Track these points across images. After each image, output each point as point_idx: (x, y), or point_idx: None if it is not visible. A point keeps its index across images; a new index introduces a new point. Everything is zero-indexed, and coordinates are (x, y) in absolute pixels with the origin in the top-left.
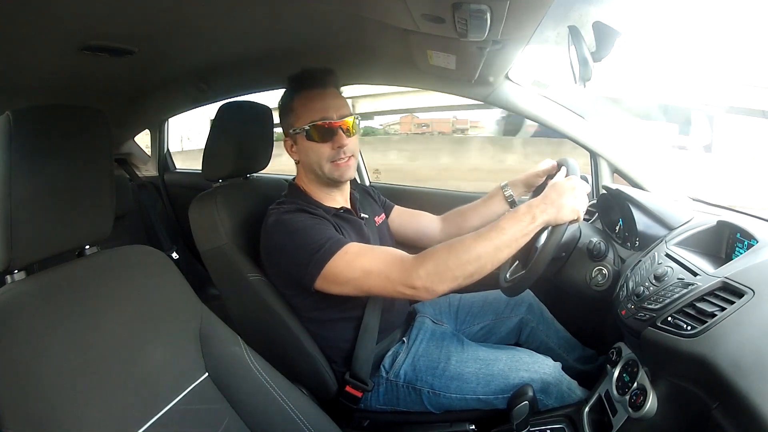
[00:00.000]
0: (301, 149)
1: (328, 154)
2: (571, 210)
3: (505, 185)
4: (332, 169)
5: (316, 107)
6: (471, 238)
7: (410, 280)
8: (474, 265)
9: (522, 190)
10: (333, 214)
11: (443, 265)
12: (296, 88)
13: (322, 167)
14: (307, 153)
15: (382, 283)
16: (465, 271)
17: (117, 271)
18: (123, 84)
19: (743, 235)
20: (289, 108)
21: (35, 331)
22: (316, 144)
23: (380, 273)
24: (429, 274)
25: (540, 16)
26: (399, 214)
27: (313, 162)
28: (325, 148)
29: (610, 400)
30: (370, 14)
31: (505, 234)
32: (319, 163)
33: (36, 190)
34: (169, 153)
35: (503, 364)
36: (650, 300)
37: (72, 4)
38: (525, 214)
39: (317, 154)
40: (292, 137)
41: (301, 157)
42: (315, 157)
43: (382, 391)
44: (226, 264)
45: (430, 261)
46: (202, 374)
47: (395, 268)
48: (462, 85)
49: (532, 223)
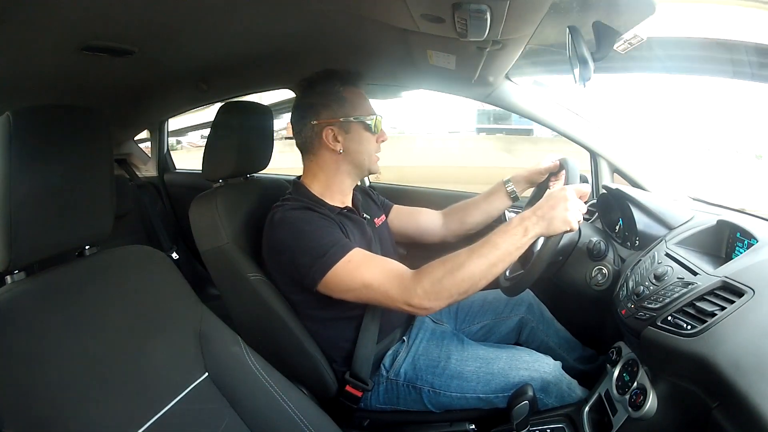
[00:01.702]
0: (354, 138)
1: (375, 148)
2: (562, 222)
3: (508, 181)
4: (374, 162)
5: (367, 103)
6: (465, 254)
7: (408, 298)
8: (468, 282)
9: (524, 186)
10: (337, 212)
11: (438, 284)
12: (343, 81)
13: (371, 158)
14: (361, 143)
15: (381, 298)
16: (460, 288)
17: (117, 271)
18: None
19: (743, 235)
20: (340, 97)
21: (35, 331)
22: (371, 136)
23: (380, 287)
24: (426, 293)
25: (540, 16)
26: (398, 212)
27: (363, 152)
28: (374, 141)
29: (610, 400)
30: (370, 14)
31: (498, 249)
32: (369, 154)
33: (36, 190)
34: (169, 153)
35: (503, 363)
36: (650, 299)
37: (72, 5)
38: (517, 227)
39: (369, 146)
40: (345, 126)
41: (349, 146)
42: (368, 148)
43: (382, 391)
44: (226, 264)
45: (427, 280)
46: (201, 374)
47: (395, 285)
48: (462, 85)
49: (524, 237)
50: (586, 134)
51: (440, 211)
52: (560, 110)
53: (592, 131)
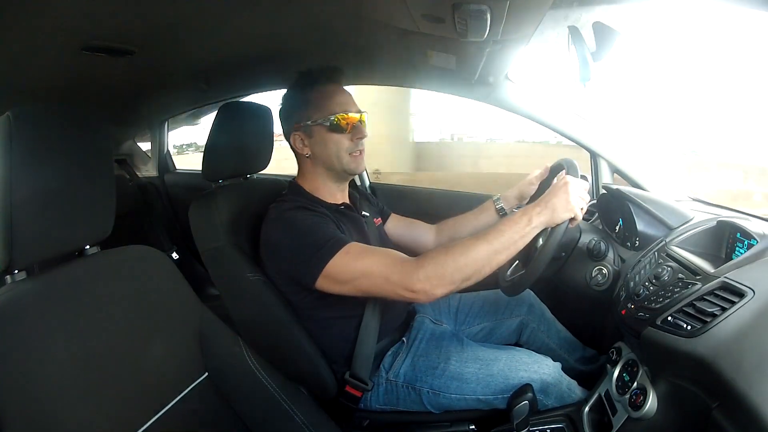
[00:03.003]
0: (319, 141)
1: (348, 146)
2: (566, 209)
3: (498, 198)
4: (349, 161)
5: (337, 100)
6: (469, 241)
7: (410, 283)
8: (471, 267)
9: (514, 202)
10: (334, 210)
11: (441, 268)
12: (311, 82)
13: (341, 158)
14: (327, 144)
15: (382, 284)
16: (463, 273)
17: (117, 271)
18: (123, 84)
19: (743, 235)
20: (304, 101)
21: (35, 331)
22: (337, 135)
23: (380, 274)
24: (428, 277)
25: (540, 16)
26: (395, 222)
27: (332, 153)
28: (346, 140)
29: (610, 400)
30: (370, 14)
31: (503, 236)
32: (338, 154)
33: (36, 190)
34: (169, 153)
35: (503, 364)
36: (650, 300)
37: (72, 5)
38: (522, 216)
39: (338, 146)
40: (307, 130)
41: (316, 149)
42: (335, 149)
43: (381, 391)
44: (226, 264)
45: (429, 264)
46: (201, 374)
47: (395, 270)
48: (462, 85)
49: (528, 225)
50: (586, 134)
51: (433, 226)
52: (560, 111)
53: (592, 131)
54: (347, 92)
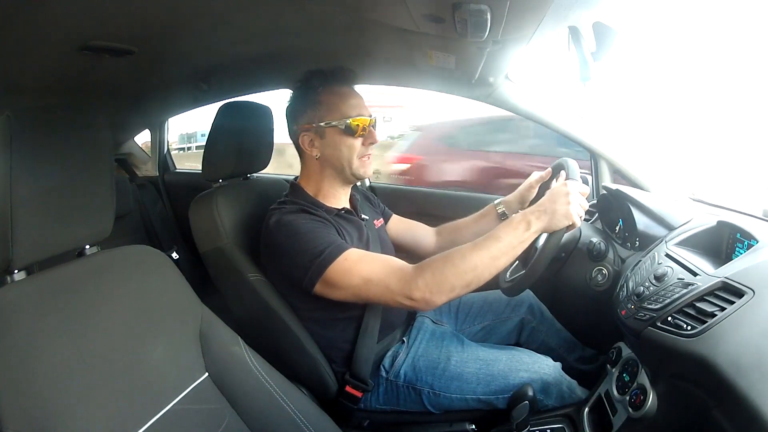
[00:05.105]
0: (330, 143)
1: (359, 150)
2: (564, 216)
3: (499, 203)
4: (359, 165)
5: (352, 102)
6: (468, 247)
7: (409, 291)
8: (471, 274)
9: (516, 206)
10: (335, 214)
11: (440, 275)
12: (323, 83)
13: (352, 163)
14: (339, 147)
15: (382, 292)
16: (462, 280)
17: (117, 271)
18: (123, 84)
19: (743, 235)
20: (315, 101)
21: (35, 331)
22: (351, 138)
23: (380, 282)
24: (427, 285)
25: (540, 16)
26: (396, 223)
27: (343, 157)
28: (358, 144)
29: (610, 400)
30: (370, 14)
31: (501, 242)
32: (350, 158)
33: (36, 190)
34: (169, 153)
35: (503, 365)
36: (650, 300)
37: (72, 4)
38: (520, 222)
39: (350, 149)
40: (318, 131)
41: (327, 151)
42: (347, 152)
43: (382, 391)
44: (226, 264)
45: (428, 272)
46: (202, 374)
47: (395, 278)
48: (462, 85)
49: (527, 231)
50: (586, 134)
51: (434, 229)
52: (560, 110)
53: (592, 131)
54: (360, 95)
